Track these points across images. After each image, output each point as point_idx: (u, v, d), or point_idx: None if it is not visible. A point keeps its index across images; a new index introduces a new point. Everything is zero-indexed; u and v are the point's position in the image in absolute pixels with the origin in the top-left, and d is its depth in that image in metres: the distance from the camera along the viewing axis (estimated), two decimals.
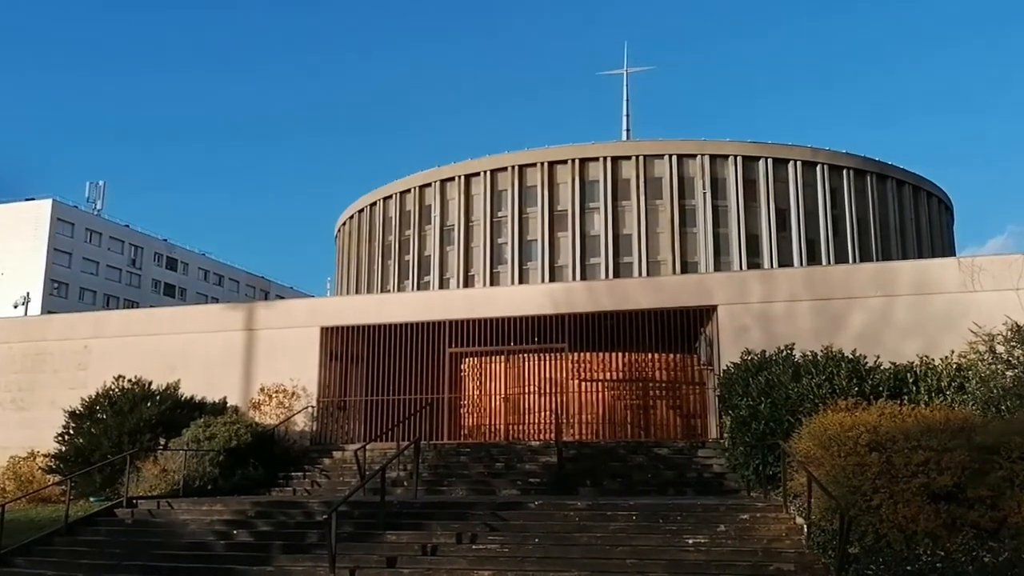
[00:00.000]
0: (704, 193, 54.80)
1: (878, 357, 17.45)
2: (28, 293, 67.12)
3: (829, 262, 52.84)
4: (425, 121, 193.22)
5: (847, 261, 52.28)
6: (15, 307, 63.45)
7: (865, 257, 54.23)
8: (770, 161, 55.64)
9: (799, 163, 56.07)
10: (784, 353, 18.04)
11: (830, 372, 16.75)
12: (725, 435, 18.65)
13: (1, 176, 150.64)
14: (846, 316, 20.29)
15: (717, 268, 51.31)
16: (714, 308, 21.71)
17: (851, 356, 17.35)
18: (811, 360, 17.37)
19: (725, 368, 19.39)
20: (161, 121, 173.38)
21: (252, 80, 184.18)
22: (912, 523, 11.85)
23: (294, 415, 23.29)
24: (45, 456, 22.09)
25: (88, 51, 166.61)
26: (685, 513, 14.62)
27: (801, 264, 52.23)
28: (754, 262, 52.98)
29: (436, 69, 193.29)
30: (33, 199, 79.98)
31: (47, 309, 68.46)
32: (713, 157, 55.50)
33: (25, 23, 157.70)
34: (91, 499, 19.51)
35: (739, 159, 55.24)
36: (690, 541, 13.58)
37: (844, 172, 57.16)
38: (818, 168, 56.44)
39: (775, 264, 52.62)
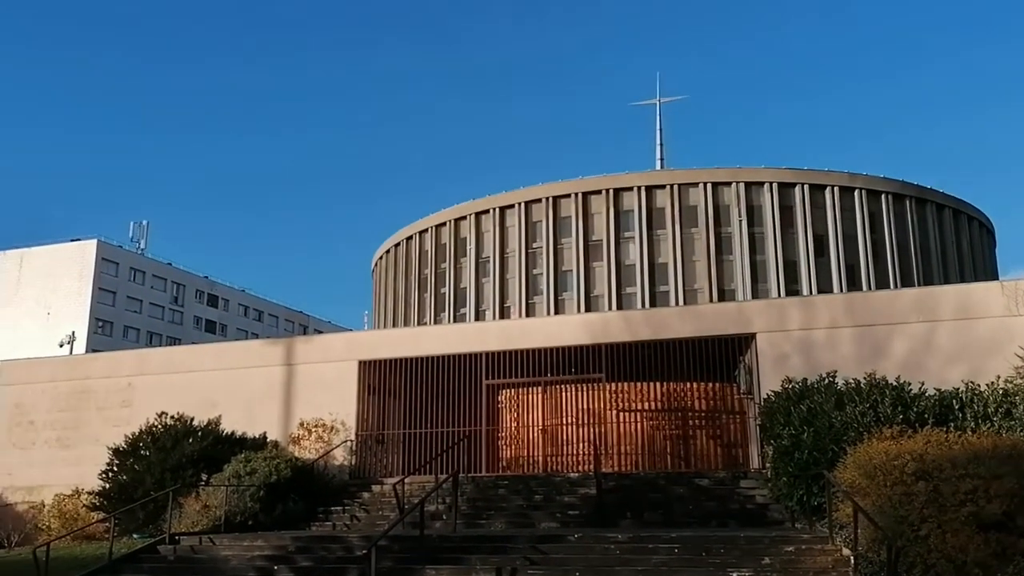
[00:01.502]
0: (740, 220, 54.47)
1: (922, 384, 17.10)
2: (73, 332, 68.61)
3: (870, 288, 52.03)
4: (459, 155, 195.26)
5: (888, 287, 51.44)
6: (61, 346, 64.87)
7: (906, 282, 53.32)
8: (806, 187, 55.19)
9: (836, 188, 55.54)
10: (826, 381, 17.78)
11: (874, 400, 16.43)
12: (767, 465, 18.34)
13: (48, 218, 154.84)
14: (888, 342, 19.96)
15: (755, 295, 50.80)
16: (753, 336, 21.48)
17: (895, 383, 17.02)
18: (854, 388, 17.08)
19: (766, 397, 19.14)
20: (200, 159, 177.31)
21: (289, 118, 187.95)
22: (961, 553, 11.54)
23: (333, 449, 23.40)
24: (89, 494, 22.38)
25: (130, 98, 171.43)
26: (729, 545, 14.37)
27: (841, 290, 51.49)
28: (792, 289, 52.38)
29: (469, 104, 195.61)
30: (79, 239, 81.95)
31: (92, 348, 69.84)
32: (748, 184, 55.23)
33: (73, 70, 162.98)
34: (134, 536, 19.72)
35: (775, 186, 54.90)
36: (734, 574, 13.33)
37: (882, 196, 56.47)
38: (856, 193, 55.85)
39: (814, 291, 51.95)
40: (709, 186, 55.04)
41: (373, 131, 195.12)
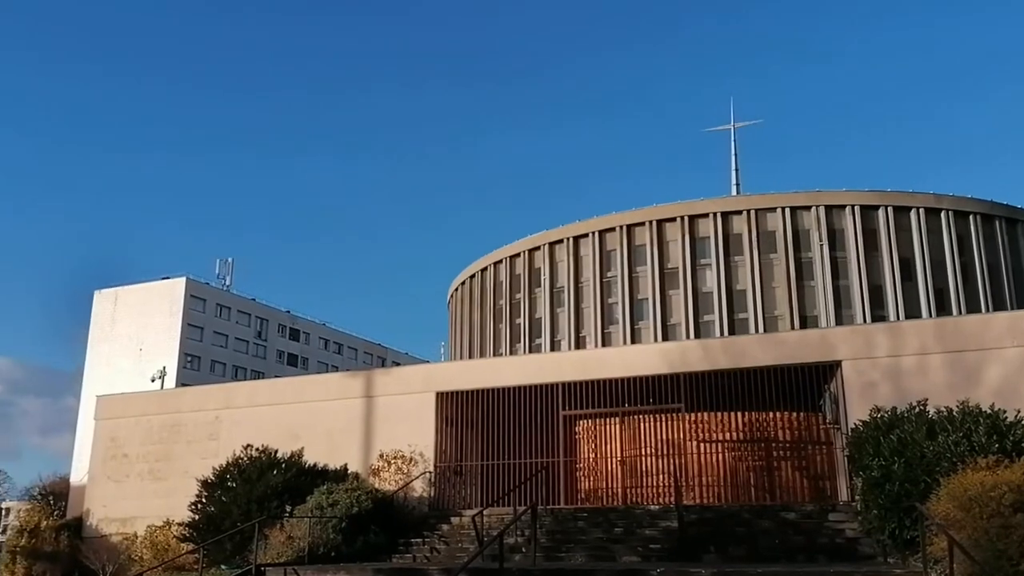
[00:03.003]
0: (821, 245, 53.24)
1: (1018, 411, 16.29)
2: (164, 367, 71.09)
3: (960, 312, 50.10)
4: (533, 185, 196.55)
5: (979, 310, 49.45)
6: (152, 380, 67.24)
7: (998, 306, 51.15)
8: (890, 209, 53.70)
9: (922, 210, 53.85)
10: (916, 409, 17.17)
11: (967, 428, 15.74)
12: (857, 497, 17.73)
13: (138, 258, 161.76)
14: (981, 368, 19.18)
15: (839, 322, 49.43)
16: (838, 364, 20.90)
17: (989, 411, 16.29)
18: (946, 416, 16.41)
19: (853, 427, 18.55)
20: (279, 197, 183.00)
21: (369, 154, 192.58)
22: None
23: (412, 480, 23.59)
24: (179, 525, 23.06)
25: (209, 138, 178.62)
26: None
27: (930, 315, 49.70)
28: (879, 315, 50.79)
29: (541, 134, 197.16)
30: (168, 278, 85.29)
31: (182, 381, 72.30)
32: (829, 208, 54.05)
33: (153, 110, 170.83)
34: (223, 567, 20.19)
35: (857, 209, 53.57)
36: None
37: (971, 217, 54.53)
38: (943, 214, 54.09)
39: (901, 316, 50.26)
40: (788, 211, 54.08)
41: (447, 163, 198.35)
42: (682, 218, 55.61)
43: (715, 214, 55.16)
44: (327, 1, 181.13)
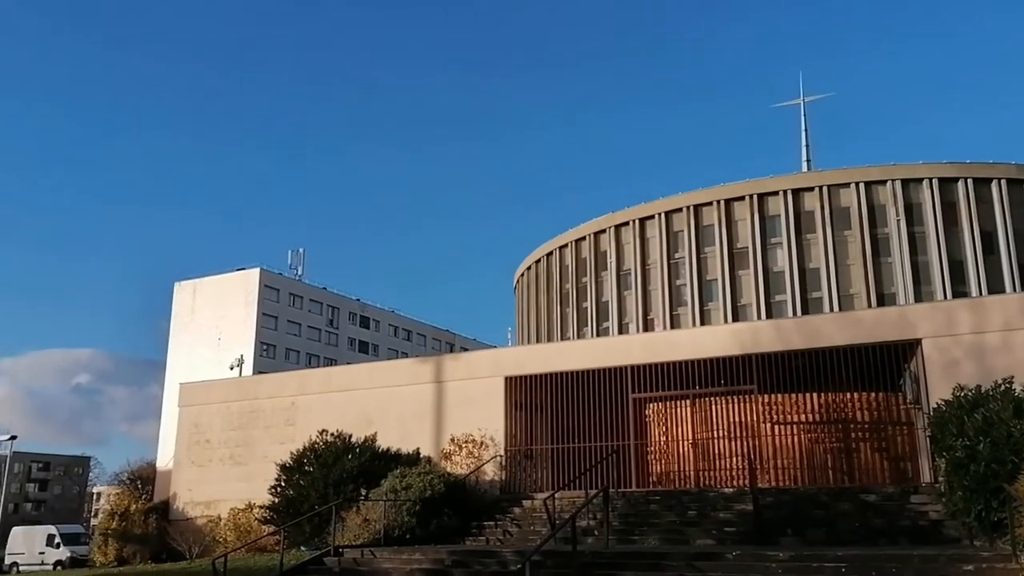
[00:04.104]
0: (898, 220, 51.51)
1: None
2: (242, 355, 73.04)
3: None
4: (598, 168, 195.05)
5: None
6: (231, 369, 69.15)
7: None
8: (970, 181, 51.55)
9: (1003, 181, 51.51)
10: (1002, 387, 16.60)
11: None
12: (940, 479, 17.20)
13: (214, 250, 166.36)
14: None
15: (917, 299, 47.82)
16: (918, 342, 20.28)
17: None
18: None
19: (935, 406, 17.99)
20: (347, 186, 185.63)
21: (435, 139, 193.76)
22: None
23: (483, 464, 23.78)
24: (260, 507, 23.75)
25: (278, 131, 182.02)
26: (901, 565, 13.52)
27: (1014, 290, 47.70)
28: (959, 290, 48.93)
29: (605, 117, 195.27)
30: (243, 269, 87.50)
31: (258, 370, 74.20)
32: (905, 182, 52.18)
33: (233, 106, 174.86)
34: (302, 548, 20.73)
35: (935, 182, 51.60)
36: None
37: None
38: None
39: (984, 291, 48.33)
40: (862, 186, 52.44)
41: (512, 148, 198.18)
42: (751, 196, 54.44)
43: (785, 191, 53.81)
44: None
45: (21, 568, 41.15)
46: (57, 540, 42.86)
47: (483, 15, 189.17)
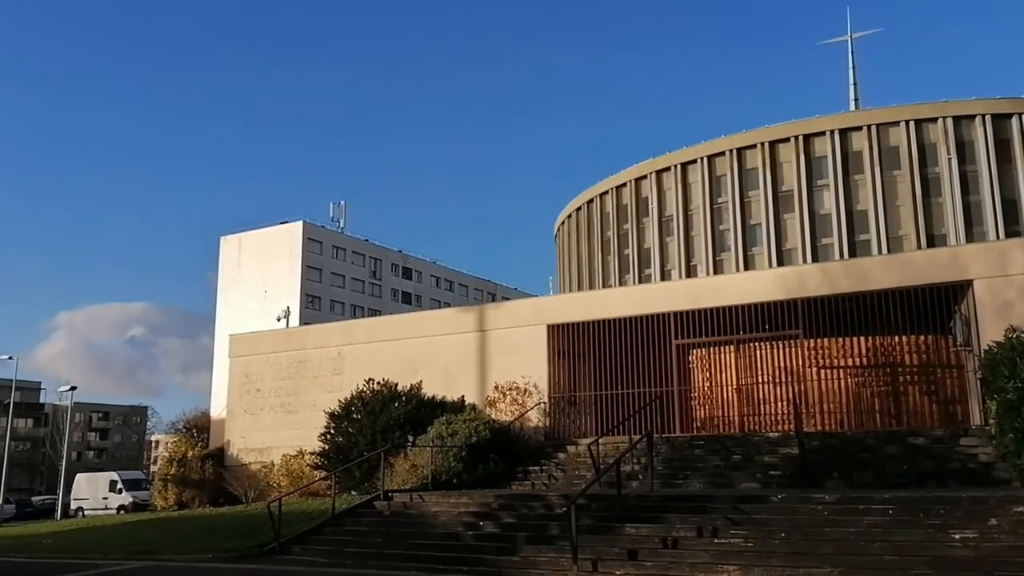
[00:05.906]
0: (949, 159, 50.04)
1: None
2: (288, 307, 74.24)
3: None
4: (638, 112, 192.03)
5: None
6: (278, 320, 70.43)
7: None
8: None
9: None
10: None
11: None
12: (991, 421, 16.99)
13: (261, 203, 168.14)
14: None
15: (969, 240, 46.66)
16: (969, 283, 19.86)
17: None
18: None
19: (987, 348, 17.68)
20: (386, 139, 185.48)
21: (468, 91, 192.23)
22: None
23: (527, 411, 24.03)
24: (311, 454, 24.37)
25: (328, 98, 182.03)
26: (950, 506, 13.45)
27: None
28: (1013, 230, 47.57)
29: (645, 56, 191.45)
30: (286, 222, 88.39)
31: (304, 321, 75.42)
32: (957, 119, 50.54)
33: (284, 78, 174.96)
34: (352, 492, 21.28)
35: (987, 118, 49.88)
36: (957, 536, 12.48)
37: None
38: None
39: None
40: (912, 124, 50.94)
41: (550, 93, 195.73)
42: (796, 138, 53.24)
43: (832, 131, 52.51)
44: None
45: (86, 512, 42.96)
46: (119, 486, 44.63)
47: None
